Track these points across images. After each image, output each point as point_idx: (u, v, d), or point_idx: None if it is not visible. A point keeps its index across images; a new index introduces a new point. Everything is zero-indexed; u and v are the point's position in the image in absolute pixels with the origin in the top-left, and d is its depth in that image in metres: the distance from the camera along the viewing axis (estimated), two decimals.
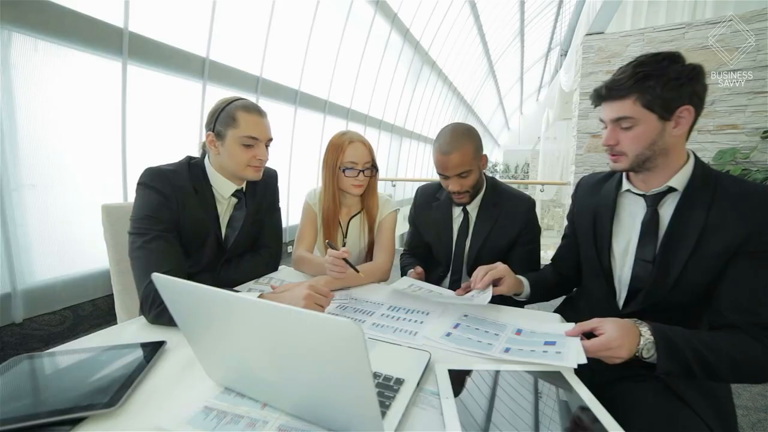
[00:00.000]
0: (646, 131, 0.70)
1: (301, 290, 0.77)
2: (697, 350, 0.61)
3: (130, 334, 0.73)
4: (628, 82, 0.68)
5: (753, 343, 0.62)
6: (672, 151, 0.72)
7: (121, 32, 2.22)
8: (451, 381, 0.54)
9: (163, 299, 0.48)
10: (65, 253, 2.14)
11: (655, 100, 0.67)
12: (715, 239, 0.68)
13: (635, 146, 0.71)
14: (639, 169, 0.75)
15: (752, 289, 0.65)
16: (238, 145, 0.90)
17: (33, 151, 1.96)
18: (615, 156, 0.75)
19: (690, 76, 0.67)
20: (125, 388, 0.50)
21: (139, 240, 0.79)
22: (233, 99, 0.92)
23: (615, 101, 0.71)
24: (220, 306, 0.42)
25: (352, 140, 1.11)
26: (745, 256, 0.66)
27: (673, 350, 0.61)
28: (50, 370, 0.56)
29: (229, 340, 0.45)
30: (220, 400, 0.51)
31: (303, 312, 0.33)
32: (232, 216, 1.00)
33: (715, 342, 0.62)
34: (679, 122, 0.69)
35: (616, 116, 0.71)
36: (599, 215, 0.86)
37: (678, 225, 0.72)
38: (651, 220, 0.76)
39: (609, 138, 0.74)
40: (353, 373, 0.33)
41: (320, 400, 0.42)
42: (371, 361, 0.58)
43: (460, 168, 1.03)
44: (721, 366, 0.61)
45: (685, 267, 0.71)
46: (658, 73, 0.67)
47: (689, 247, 0.70)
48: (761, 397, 1.62)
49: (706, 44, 2.85)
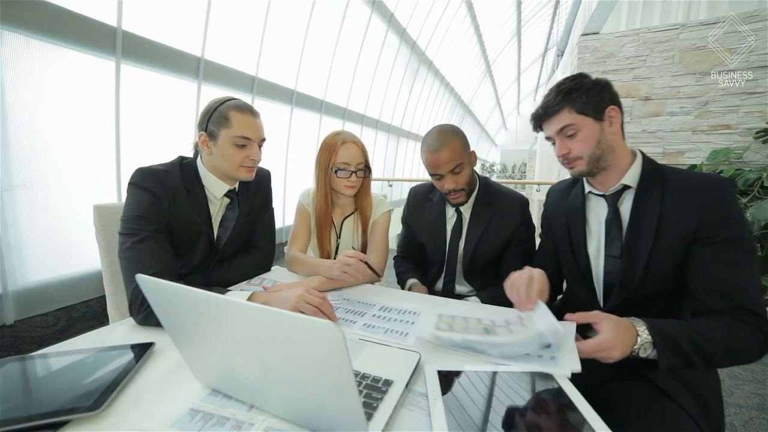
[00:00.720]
0: (589, 133, 0.78)
1: (295, 291, 0.76)
2: (695, 342, 0.63)
3: (119, 336, 0.72)
4: (556, 98, 0.79)
5: (740, 326, 0.65)
6: (617, 149, 0.80)
7: (114, 31, 2.20)
8: (440, 382, 0.54)
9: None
10: (58, 254, 2.13)
11: (585, 106, 0.77)
12: (672, 227, 0.74)
13: (586, 148, 0.78)
14: (595, 170, 0.80)
15: (722, 274, 0.68)
16: (230, 145, 0.89)
17: (24, 151, 1.94)
18: (571, 162, 0.82)
19: (603, 84, 0.79)
20: (110, 391, 0.49)
21: (129, 240, 0.78)
22: (226, 99, 0.92)
23: (553, 117, 0.81)
24: (203, 307, 0.41)
25: (345, 141, 1.10)
26: (704, 242, 0.71)
27: (673, 346, 0.62)
28: (35, 372, 0.56)
29: (213, 342, 0.45)
30: (207, 401, 0.51)
31: (283, 313, 0.33)
32: (225, 216, 1.00)
33: (709, 331, 0.64)
34: (611, 121, 0.79)
35: (560, 127, 0.79)
36: (571, 220, 0.90)
37: (636, 219, 0.78)
38: (613, 218, 0.82)
39: (561, 148, 0.81)
40: (335, 375, 0.33)
41: (305, 402, 0.41)
42: (360, 362, 0.59)
43: (452, 163, 1.04)
44: (718, 354, 0.63)
45: (649, 257, 0.76)
46: (577, 86, 0.78)
47: (650, 238, 0.76)
48: (753, 396, 1.63)
49: (700, 45, 2.87)
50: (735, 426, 1.44)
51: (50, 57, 1.98)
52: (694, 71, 2.91)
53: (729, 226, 0.69)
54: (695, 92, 2.92)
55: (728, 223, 0.69)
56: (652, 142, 3.11)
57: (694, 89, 2.92)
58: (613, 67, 3.23)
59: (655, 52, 3.05)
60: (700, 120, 2.92)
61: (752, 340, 0.64)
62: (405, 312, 0.83)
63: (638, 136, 3.15)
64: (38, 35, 1.89)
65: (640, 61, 3.13)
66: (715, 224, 0.70)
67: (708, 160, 2.82)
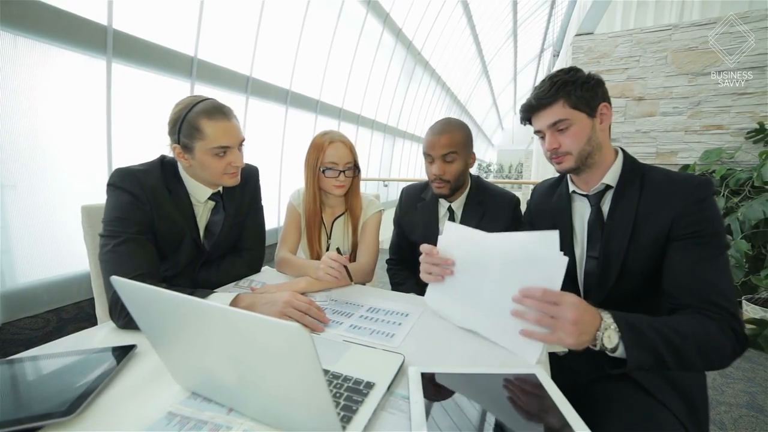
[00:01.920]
0: (581, 129, 0.77)
1: (282, 295, 0.76)
2: (663, 333, 0.59)
3: (102, 338, 0.71)
4: (551, 90, 0.76)
5: (711, 323, 0.63)
6: (604, 147, 0.79)
7: (105, 30, 2.18)
8: (423, 384, 0.53)
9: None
10: (48, 255, 2.10)
11: (579, 100, 0.75)
12: (647, 228, 0.74)
13: (577, 143, 0.77)
14: (583, 167, 0.79)
15: (693, 270, 0.68)
16: (209, 156, 0.85)
17: (13, 151, 1.92)
18: (560, 158, 0.80)
19: (596, 80, 0.78)
20: (86, 396, 0.48)
21: (109, 243, 0.77)
22: (192, 103, 0.86)
23: (546, 109, 0.78)
24: (176, 309, 0.41)
25: (333, 140, 1.09)
26: (677, 240, 0.71)
27: (641, 339, 0.58)
28: (10, 377, 0.55)
29: (189, 345, 0.44)
30: (186, 405, 0.50)
31: (251, 315, 0.33)
32: (210, 220, 0.98)
33: (678, 324, 0.61)
34: (602, 119, 0.78)
35: (552, 121, 0.77)
36: (558, 220, 0.89)
37: (613, 219, 0.78)
38: (596, 219, 0.81)
39: (551, 143, 0.79)
40: (306, 377, 0.33)
41: (280, 405, 0.41)
42: (343, 364, 0.58)
43: (447, 148, 1.05)
44: (689, 350, 0.59)
45: (625, 257, 0.76)
46: (572, 79, 0.76)
47: (625, 238, 0.75)
48: (743, 393, 1.64)
49: (692, 45, 2.89)
50: (725, 424, 1.45)
51: (39, 56, 1.96)
52: (687, 71, 2.93)
53: (703, 224, 0.69)
54: (688, 92, 2.94)
55: (702, 222, 0.69)
56: (645, 142, 3.13)
57: (686, 89, 2.94)
58: (606, 67, 3.25)
59: (648, 53, 3.07)
60: (692, 120, 2.94)
61: (723, 338, 0.62)
62: (393, 313, 0.83)
63: (632, 136, 3.17)
64: (26, 33, 1.87)
65: (633, 62, 3.15)
66: (689, 223, 0.69)
67: (700, 160, 2.84)
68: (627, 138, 3.19)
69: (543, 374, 0.57)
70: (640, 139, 3.14)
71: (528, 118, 0.84)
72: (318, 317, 0.75)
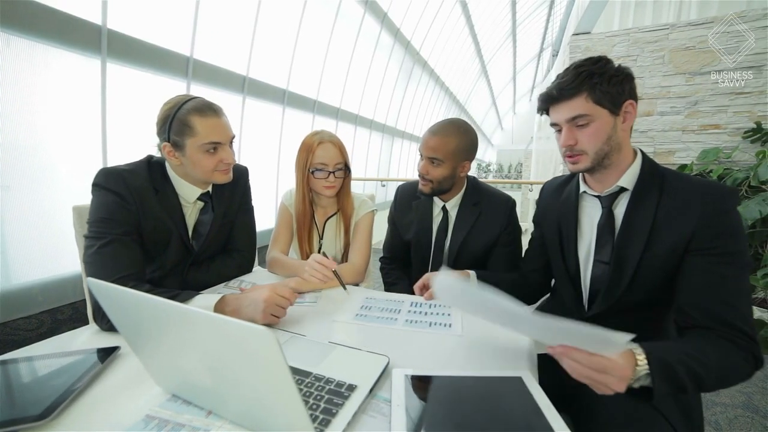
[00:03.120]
0: (602, 127, 0.70)
1: (262, 292, 0.75)
2: (691, 369, 0.56)
3: (86, 339, 0.71)
4: (576, 80, 0.69)
5: (733, 349, 0.60)
6: (623, 148, 0.73)
7: (99, 30, 2.17)
8: (407, 387, 0.53)
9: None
10: (43, 256, 2.09)
11: (604, 95, 0.68)
12: (665, 237, 0.68)
13: (594, 143, 0.71)
14: (598, 167, 0.74)
15: (714, 289, 0.63)
16: (200, 153, 0.85)
17: (6, 152, 1.91)
18: (575, 157, 0.74)
19: (626, 73, 0.71)
20: (63, 399, 0.48)
21: (94, 244, 0.76)
22: (182, 101, 0.86)
23: (567, 101, 0.71)
24: (151, 312, 0.40)
25: (323, 140, 1.09)
26: (698, 253, 0.65)
27: (670, 374, 0.55)
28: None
29: (165, 347, 0.44)
30: (165, 408, 0.49)
31: (217, 318, 0.32)
32: (199, 221, 0.97)
33: (705, 356, 0.58)
34: (626, 117, 0.72)
35: (572, 115, 0.71)
36: (563, 220, 0.85)
37: (629, 224, 0.73)
38: (606, 222, 0.76)
39: (568, 138, 0.73)
40: (274, 380, 0.32)
41: (253, 408, 0.40)
42: (327, 366, 0.58)
43: (432, 152, 1.05)
44: (711, 380, 0.57)
45: (638, 266, 0.71)
46: (600, 71, 0.69)
47: (641, 246, 0.70)
48: (739, 394, 1.64)
49: (689, 45, 2.88)
50: (720, 424, 1.44)
51: (33, 56, 1.95)
52: (684, 71, 2.92)
53: (726, 238, 0.64)
54: (685, 92, 2.93)
55: (726, 236, 0.64)
56: (643, 141, 3.12)
57: (683, 89, 2.94)
58: None
59: (645, 52, 3.07)
60: (690, 120, 2.93)
61: (743, 365, 0.59)
62: (435, 305, 0.89)
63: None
64: (19, 33, 1.86)
65: (630, 61, 3.14)
66: (712, 236, 0.64)
67: (698, 160, 2.83)
68: None
69: (529, 377, 0.56)
70: (638, 139, 3.13)
71: (546, 109, 0.76)
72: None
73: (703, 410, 0.75)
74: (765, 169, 2.21)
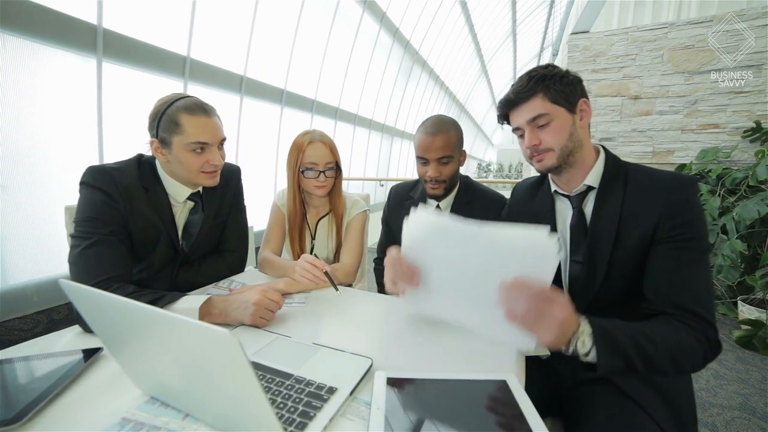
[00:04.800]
0: (562, 124, 0.74)
1: (251, 295, 0.74)
2: (635, 340, 0.58)
3: (70, 340, 0.70)
4: (530, 83, 0.74)
5: (685, 329, 0.62)
6: (585, 145, 0.77)
7: (95, 29, 2.17)
8: (388, 390, 0.52)
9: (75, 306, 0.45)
10: (38, 256, 2.09)
11: (558, 94, 0.73)
12: (632, 230, 0.71)
13: (558, 139, 0.74)
14: (564, 165, 0.76)
15: (673, 275, 0.66)
16: (186, 151, 0.84)
17: (3, 152, 1.91)
18: (541, 155, 0.76)
19: (575, 76, 0.76)
20: (38, 401, 0.47)
21: (80, 244, 0.75)
22: (174, 98, 0.85)
23: (525, 103, 0.75)
24: (122, 314, 0.39)
25: (313, 140, 1.08)
26: (660, 242, 0.68)
27: (613, 344, 0.58)
28: None
29: (139, 349, 0.43)
30: (142, 410, 0.49)
31: (182, 321, 0.31)
32: (189, 221, 0.96)
33: (653, 332, 0.60)
34: (582, 115, 0.76)
35: (532, 115, 0.74)
36: (540, 221, 0.85)
37: (598, 222, 0.75)
38: (578, 221, 0.78)
39: (532, 139, 0.75)
40: (240, 382, 0.32)
41: (225, 410, 0.39)
42: (308, 368, 0.57)
43: (442, 152, 1.04)
44: (660, 357, 0.59)
45: (610, 262, 0.73)
46: (551, 73, 0.74)
47: (610, 242, 0.72)
48: (736, 395, 1.62)
49: (688, 44, 2.86)
50: (717, 426, 1.43)
51: (29, 55, 1.95)
52: (683, 70, 2.91)
53: (686, 226, 0.67)
54: (684, 91, 2.91)
55: (686, 224, 0.67)
56: (641, 141, 3.11)
57: (682, 88, 2.92)
58: (602, 65, 3.23)
59: (644, 51, 3.05)
60: (689, 119, 2.92)
61: (696, 346, 0.61)
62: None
63: (628, 135, 3.14)
64: (15, 33, 1.86)
65: (629, 60, 3.13)
66: (673, 225, 0.67)
67: (697, 159, 2.81)
68: (623, 137, 3.17)
69: (514, 381, 0.55)
70: (637, 138, 3.12)
71: (505, 115, 0.80)
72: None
73: (697, 412, 0.74)
74: (763, 168, 2.19)
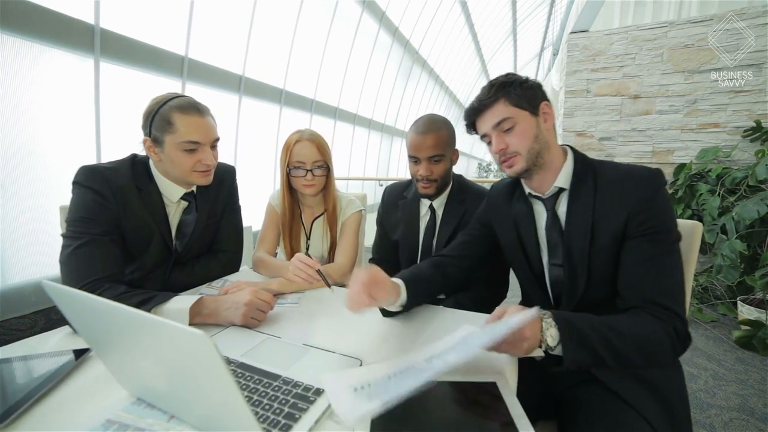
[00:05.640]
0: (527, 127, 0.75)
1: (243, 295, 0.74)
2: (601, 332, 0.59)
3: (60, 340, 0.70)
4: (491, 90, 0.76)
5: (653, 322, 0.62)
6: (552, 147, 0.77)
7: (92, 29, 2.17)
8: None
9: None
10: (37, 255, 2.10)
11: (520, 98, 0.74)
12: (605, 229, 0.71)
13: (524, 142, 0.75)
14: (533, 168, 0.77)
15: (642, 269, 0.67)
16: (178, 151, 0.84)
17: (1, 151, 1.91)
18: (509, 159, 0.77)
19: (534, 81, 0.78)
20: (23, 403, 0.47)
21: (71, 244, 0.75)
22: (168, 98, 0.85)
23: (489, 109, 0.77)
24: (104, 315, 0.39)
25: (301, 139, 1.08)
26: (629, 238, 0.69)
27: (577, 335, 0.58)
28: None
29: (122, 350, 0.43)
30: (128, 412, 0.48)
31: (159, 321, 0.31)
32: (182, 220, 0.96)
33: (620, 325, 0.61)
34: (545, 117, 0.77)
35: (497, 120, 0.76)
36: (522, 227, 0.84)
37: (571, 223, 0.75)
38: (552, 224, 0.78)
39: (499, 143, 0.76)
40: (217, 384, 0.32)
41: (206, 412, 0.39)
42: (297, 369, 0.56)
43: (434, 150, 1.04)
44: (627, 349, 0.60)
45: (589, 263, 0.73)
46: (510, 80, 0.76)
47: (586, 243, 0.73)
48: (735, 396, 1.61)
49: (688, 43, 2.85)
50: (715, 427, 1.42)
51: (26, 55, 1.95)
52: (683, 69, 2.89)
53: (653, 220, 0.67)
54: (684, 90, 2.90)
55: (654, 218, 0.67)
56: (641, 140, 3.09)
57: (682, 87, 2.90)
58: (602, 65, 3.22)
59: (644, 50, 3.04)
60: (689, 118, 2.90)
61: (664, 338, 0.61)
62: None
63: (628, 135, 3.13)
64: (13, 33, 1.86)
65: (629, 59, 3.12)
66: (642, 219, 0.68)
67: (697, 159, 2.80)
68: (623, 136, 3.15)
69: (504, 383, 0.55)
70: (636, 138, 3.10)
71: (472, 124, 0.82)
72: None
73: (690, 411, 0.73)
74: (763, 168, 2.18)
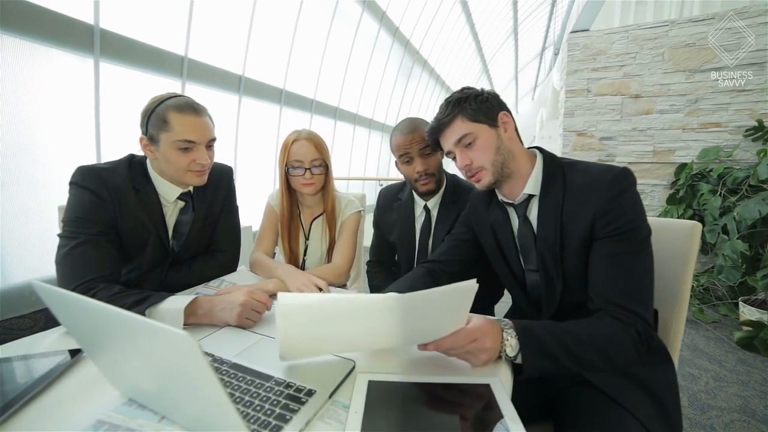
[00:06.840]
0: (487, 140, 0.76)
1: (238, 296, 0.74)
2: (560, 339, 0.59)
3: (54, 340, 0.70)
4: (448, 108, 0.78)
5: (614, 324, 0.62)
6: (517, 155, 0.78)
7: (91, 29, 2.17)
8: (368, 393, 0.51)
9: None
10: (38, 255, 2.10)
11: (476, 112, 0.76)
12: (574, 232, 0.71)
13: (487, 155, 0.75)
14: (501, 179, 0.77)
15: (606, 271, 0.66)
16: (173, 149, 0.84)
17: (1, 150, 1.91)
18: (476, 174, 0.77)
19: (490, 92, 0.79)
20: (15, 402, 0.47)
21: (67, 244, 0.75)
22: (166, 97, 0.86)
23: (448, 127, 0.78)
24: (91, 316, 0.39)
25: (298, 138, 1.08)
26: (596, 240, 0.69)
27: (536, 343, 0.59)
28: None
29: (112, 350, 0.43)
30: (119, 412, 0.48)
31: (143, 321, 0.31)
32: (179, 220, 0.96)
33: (580, 330, 0.61)
34: (505, 127, 0.78)
35: (457, 137, 0.77)
36: (499, 231, 0.85)
37: (542, 228, 0.75)
38: (525, 230, 0.78)
39: (463, 159, 0.77)
40: (202, 384, 0.32)
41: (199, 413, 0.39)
42: (289, 369, 0.56)
43: (423, 142, 1.05)
44: (587, 354, 0.60)
45: (562, 267, 0.73)
46: (465, 96, 0.77)
47: (557, 247, 0.72)
48: (736, 398, 1.60)
49: (689, 42, 2.83)
50: (715, 429, 1.42)
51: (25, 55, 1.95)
52: (684, 68, 2.88)
53: (618, 220, 0.66)
54: (685, 90, 2.89)
55: (618, 218, 0.66)
56: (642, 140, 3.08)
57: (683, 87, 2.89)
58: (603, 64, 3.21)
59: (644, 50, 3.02)
60: (690, 118, 2.89)
61: (627, 340, 0.61)
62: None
63: (629, 134, 3.12)
64: (12, 33, 1.87)
65: (630, 59, 3.10)
66: (608, 220, 0.67)
67: (698, 159, 2.79)
68: (623, 136, 3.14)
69: (498, 384, 0.54)
70: (637, 138, 3.09)
71: (436, 142, 0.83)
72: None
73: (681, 406, 0.73)
74: (765, 168, 2.17)
